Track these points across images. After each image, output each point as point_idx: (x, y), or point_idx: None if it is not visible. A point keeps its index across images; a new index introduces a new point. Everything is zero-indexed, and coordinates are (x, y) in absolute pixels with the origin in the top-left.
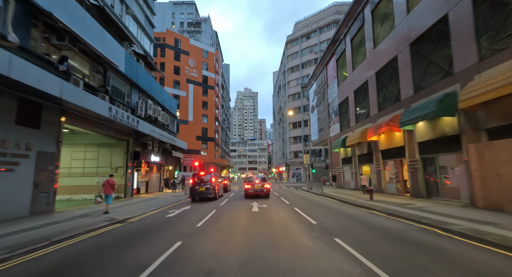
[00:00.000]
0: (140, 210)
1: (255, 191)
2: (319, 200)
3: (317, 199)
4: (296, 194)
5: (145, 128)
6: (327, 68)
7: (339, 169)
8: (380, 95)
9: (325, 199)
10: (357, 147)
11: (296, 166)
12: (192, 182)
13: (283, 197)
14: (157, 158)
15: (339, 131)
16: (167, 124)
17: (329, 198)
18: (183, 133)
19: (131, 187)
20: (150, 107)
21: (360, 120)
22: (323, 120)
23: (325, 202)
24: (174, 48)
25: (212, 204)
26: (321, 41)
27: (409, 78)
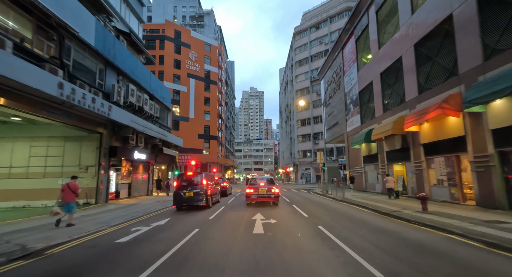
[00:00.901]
0: (97, 225)
1: (260, 196)
2: (346, 210)
3: (342, 208)
4: (311, 200)
5: (122, 117)
6: (344, 53)
7: (360, 169)
8: (422, 73)
9: (352, 207)
10: (385, 141)
11: (305, 166)
12: (176, 185)
13: (296, 205)
14: (143, 155)
15: (359, 124)
16: (157, 116)
17: (357, 207)
18: (183, 131)
19: (105, 191)
20: (132, 94)
21: (390, 108)
22: (337, 114)
23: (356, 214)
24: (174, 40)
25: (200, 216)
26: (332, 31)
27: (474, 41)
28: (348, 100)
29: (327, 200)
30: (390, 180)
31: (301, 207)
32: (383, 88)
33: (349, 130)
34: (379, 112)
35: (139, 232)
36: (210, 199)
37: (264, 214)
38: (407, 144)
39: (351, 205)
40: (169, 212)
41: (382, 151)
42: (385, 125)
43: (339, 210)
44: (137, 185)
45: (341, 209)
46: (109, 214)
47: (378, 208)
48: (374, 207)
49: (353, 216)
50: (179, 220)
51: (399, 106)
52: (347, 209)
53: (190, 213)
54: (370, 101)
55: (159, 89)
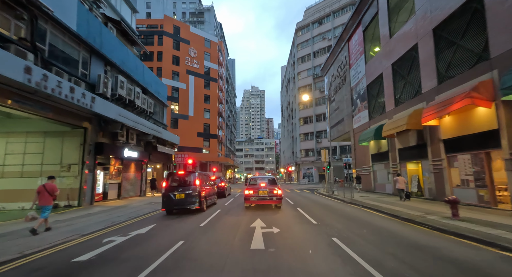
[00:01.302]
0: (66, 234)
1: (260, 199)
2: (360, 215)
3: (354, 213)
4: (316, 202)
5: (108, 111)
6: (350, 45)
7: (368, 168)
8: (442, 60)
9: (365, 211)
10: (397, 138)
11: (307, 166)
12: (165, 185)
13: (302, 208)
14: (135, 153)
15: (367, 120)
16: (151, 111)
17: (371, 210)
18: (182, 129)
19: (89, 192)
20: (122, 86)
21: (403, 102)
22: (343, 110)
23: (373, 220)
24: (173, 36)
25: (190, 222)
26: (335, 26)
27: (507, 20)
28: (354, 95)
29: (334, 202)
30: (400, 180)
31: (307, 210)
32: (395, 80)
33: (355, 126)
34: (390, 106)
35: (110, 245)
36: (204, 201)
37: (265, 220)
38: (423, 140)
39: (363, 208)
40: (157, 216)
41: (394, 148)
42: (398, 120)
43: (351, 214)
44: (128, 185)
45: (353, 214)
46: (87, 219)
47: (396, 212)
48: (390, 211)
49: (370, 223)
50: (164, 227)
51: (413, 99)
52: (360, 214)
53: (179, 218)
54: (379, 95)
55: (154, 83)
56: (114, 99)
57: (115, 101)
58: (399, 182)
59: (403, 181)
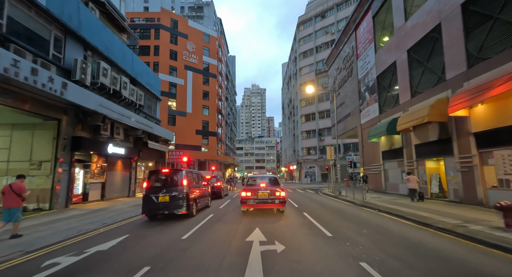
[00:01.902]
0: (10, 249)
1: (260, 202)
2: (382, 224)
3: (374, 219)
4: (323, 204)
5: (86, 100)
6: (357, 34)
7: (378, 166)
8: (473, 40)
9: (385, 218)
10: (414, 132)
11: (309, 164)
12: (147, 186)
13: (309, 213)
14: (122, 149)
15: (377, 114)
16: (141, 104)
17: (392, 216)
18: (180, 126)
19: (64, 193)
20: (105, 74)
21: (421, 91)
22: (349, 105)
23: (402, 232)
24: (170, 30)
25: (171, 232)
26: (339, 20)
27: None
28: (362, 87)
29: (344, 204)
30: (412, 179)
31: (315, 216)
32: (411, 67)
33: (363, 122)
34: (405, 97)
35: (44, 274)
36: (193, 205)
37: (266, 230)
38: (447, 134)
39: (380, 213)
40: (136, 223)
41: (409, 144)
42: (417, 112)
43: (370, 222)
44: (114, 185)
45: (373, 221)
46: (49, 227)
47: (424, 219)
48: (417, 218)
49: (400, 235)
50: (136, 240)
51: (435, 87)
52: (382, 221)
53: (160, 227)
54: (392, 86)
55: (145, 74)
56: (96, 88)
57: (97, 91)
58: (411, 181)
59: (415, 180)
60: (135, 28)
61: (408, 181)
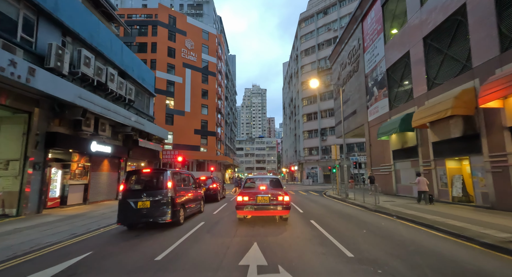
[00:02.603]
0: None
1: (259, 208)
2: (408, 236)
3: (398, 231)
4: (332, 210)
5: (61, 90)
6: (364, 25)
7: (388, 167)
8: (507, 20)
9: (411, 228)
10: (432, 128)
11: (311, 165)
12: (123, 188)
13: (317, 221)
14: (108, 148)
15: (387, 110)
16: (130, 99)
17: (418, 226)
18: (178, 126)
19: (36, 197)
20: (87, 63)
21: (441, 82)
22: (355, 101)
23: (436, 246)
24: (168, 26)
25: (146, 250)
26: (342, 16)
27: None
28: (370, 82)
29: (354, 209)
30: (422, 180)
31: (326, 225)
32: (428, 57)
33: (371, 119)
34: (420, 90)
35: None
36: (180, 211)
37: (266, 246)
38: (474, 129)
39: (401, 220)
40: (110, 234)
41: (426, 142)
42: (437, 105)
43: (396, 234)
44: (98, 187)
45: (398, 233)
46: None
47: (460, 230)
48: (450, 228)
49: (443, 256)
50: (96, 261)
51: (458, 77)
52: (409, 233)
53: (136, 239)
54: (404, 79)
55: (136, 67)
56: (77, 79)
57: (79, 82)
58: (421, 183)
59: (425, 182)
60: (132, 24)
61: (419, 183)
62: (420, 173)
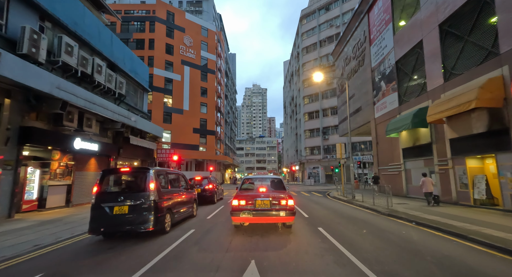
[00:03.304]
0: None
1: (259, 214)
2: (445, 250)
3: (426, 242)
4: (341, 214)
5: (34, 79)
6: (370, 17)
7: (397, 166)
8: None
9: (440, 238)
10: (449, 123)
11: (312, 165)
12: (97, 190)
13: (326, 228)
14: (95, 145)
15: (397, 105)
16: (121, 93)
17: (449, 236)
18: (176, 124)
19: (7, 199)
20: (70, 52)
21: (460, 72)
22: (360, 97)
23: (488, 269)
24: (166, 22)
25: (114, 270)
26: (344, 12)
27: None
28: (377, 76)
29: (365, 213)
30: (428, 181)
31: (338, 235)
32: (444, 45)
33: (378, 115)
34: (435, 82)
35: None
36: (165, 217)
37: (266, 267)
38: (502, 123)
39: (422, 227)
40: (80, 245)
41: (441, 138)
42: (458, 97)
43: (425, 247)
44: (83, 188)
45: (426, 245)
46: None
47: (503, 242)
48: (488, 239)
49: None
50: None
51: (482, 65)
52: (440, 245)
53: (108, 254)
54: (416, 71)
55: (128, 60)
56: (58, 69)
57: (61, 72)
58: (426, 184)
59: (430, 183)
60: (129, 20)
61: (424, 184)
62: (425, 174)
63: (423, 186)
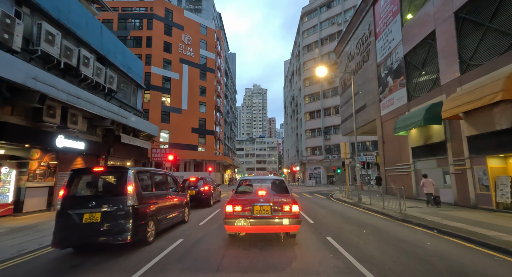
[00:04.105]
0: None
1: (258, 222)
2: (489, 271)
3: (462, 258)
4: (350, 219)
5: (3, 67)
6: (375, 9)
7: (406, 166)
8: None
9: (475, 252)
10: (467, 119)
11: (314, 165)
12: (63, 194)
13: (337, 239)
14: (81, 143)
15: (405, 102)
16: (111, 88)
17: (485, 249)
18: (175, 124)
19: None
20: (51, 41)
21: (479, 63)
22: (365, 94)
23: None
24: (164, 20)
25: None
26: (346, 9)
27: None
28: (383, 72)
29: (376, 218)
30: (428, 183)
31: (352, 248)
32: (460, 34)
33: (384, 113)
34: (450, 75)
35: None
36: (147, 225)
37: None
38: None
39: (456, 239)
40: (39, 261)
41: (458, 136)
42: (481, 89)
43: (464, 266)
44: None
45: (469, 264)
46: None
47: None
48: None
49: None
50: None
51: (506, 53)
52: (481, 263)
53: (68, 275)
54: (427, 64)
55: (120, 54)
56: (37, 59)
57: (41, 64)
58: (426, 185)
59: (431, 184)
60: (126, 17)
61: (425, 185)
62: (426, 175)
63: (423, 187)
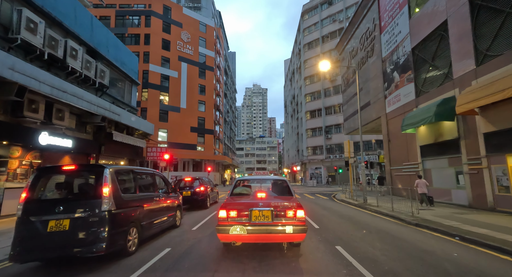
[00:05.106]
0: None
1: (256, 230)
2: None
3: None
4: (359, 224)
5: None
6: (380, 2)
7: (414, 165)
8: None
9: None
10: (484, 115)
11: (314, 165)
12: (25, 197)
13: (348, 249)
14: (68, 141)
15: (413, 98)
16: (102, 83)
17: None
18: (173, 123)
19: None
20: (32, 29)
21: (498, 53)
22: (369, 91)
23: None
24: (162, 17)
25: None
26: (348, 6)
27: None
28: (388, 67)
29: (386, 222)
30: (421, 183)
31: (368, 262)
32: (476, 23)
33: (390, 110)
34: (464, 68)
35: None
36: (127, 232)
37: None
38: None
39: (484, 249)
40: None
41: (473, 133)
42: (501, 81)
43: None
44: None
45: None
46: None
47: None
48: None
49: None
50: None
51: None
52: None
53: None
54: (438, 57)
55: (113, 47)
56: (17, 48)
57: (22, 53)
58: (421, 185)
59: (424, 185)
60: (123, 14)
61: (418, 185)
62: (421, 176)
63: (417, 187)
